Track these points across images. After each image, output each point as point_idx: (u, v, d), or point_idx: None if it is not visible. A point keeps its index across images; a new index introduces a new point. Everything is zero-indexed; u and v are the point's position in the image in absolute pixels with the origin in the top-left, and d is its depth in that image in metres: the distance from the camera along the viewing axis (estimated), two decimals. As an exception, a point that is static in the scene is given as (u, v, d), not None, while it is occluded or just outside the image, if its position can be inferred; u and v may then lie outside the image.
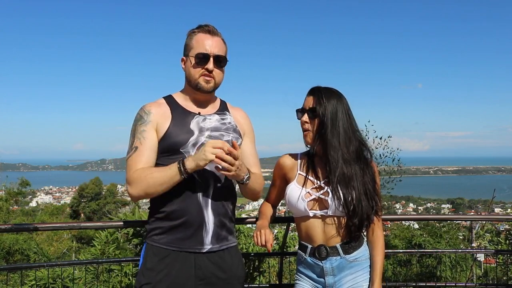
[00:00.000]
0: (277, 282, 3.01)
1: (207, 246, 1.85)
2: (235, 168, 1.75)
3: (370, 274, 1.97)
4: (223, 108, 2.06)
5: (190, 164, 1.74)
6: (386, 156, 11.38)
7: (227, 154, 1.72)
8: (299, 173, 2.02)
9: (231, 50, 2.05)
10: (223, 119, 2.01)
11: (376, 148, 11.26)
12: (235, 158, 1.74)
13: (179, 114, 1.94)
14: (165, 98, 2.02)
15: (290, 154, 2.10)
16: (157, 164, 1.88)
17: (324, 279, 1.94)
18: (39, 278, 5.58)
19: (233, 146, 1.75)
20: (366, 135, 10.93)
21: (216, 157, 1.70)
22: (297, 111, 2.02)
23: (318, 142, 1.95)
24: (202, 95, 1.98)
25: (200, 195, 1.84)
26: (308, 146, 2.06)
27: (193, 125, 1.92)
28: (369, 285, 1.95)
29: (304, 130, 1.98)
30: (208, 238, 1.85)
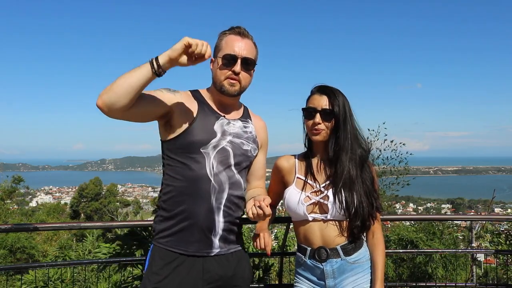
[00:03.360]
0: (277, 282, 3.01)
1: (216, 250, 1.83)
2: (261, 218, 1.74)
3: (371, 276, 1.95)
4: (246, 116, 2.03)
5: (162, 56, 1.61)
6: (393, 158, 11.40)
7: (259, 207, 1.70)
8: (297, 177, 1.99)
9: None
10: (245, 127, 1.97)
11: (384, 150, 11.28)
12: (266, 215, 1.71)
13: (205, 111, 1.88)
14: (191, 91, 1.95)
15: (287, 156, 2.07)
16: (174, 160, 1.84)
17: (325, 282, 1.92)
18: (29, 281, 5.56)
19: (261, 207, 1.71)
20: (377, 136, 10.92)
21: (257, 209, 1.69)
22: (308, 110, 1.95)
23: (330, 144, 1.92)
24: (227, 99, 1.93)
25: (213, 199, 1.80)
26: (306, 147, 2.05)
27: (217, 126, 1.87)
28: (370, 286, 1.94)
29: (315, 130, 1.92)
30: (216, 242, 1.82)
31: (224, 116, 1.92)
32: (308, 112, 1.94)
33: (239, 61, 1.85)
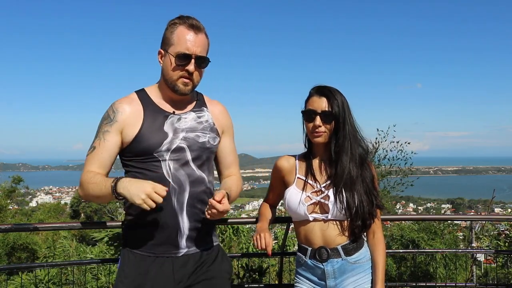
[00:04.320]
0: (277, 282, 3.01)
1: (183, 250, 1.80)
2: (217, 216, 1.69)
3: (372, 276, 1.95)
4: (200, 104, 1.93)
5: (123, 190, 1.61)
6: (398, 158, 11.42)
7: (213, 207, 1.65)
8: (298, 177, 1.99)
9: (233, 51, 1.96)
10: (199, 117, 1.88)
11: (391, 151, 11.29)
12: (220, 211, 1.66)
13: (152, 113, 1.81)
14: (137, 93, 1.88)
15: (288, 156, 2.07)
16: (131, 167, 1.81)
17: (325, 282, 1.92)
18: (19, 283, 5.56)
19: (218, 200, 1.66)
20: (385, 137, 10.95)
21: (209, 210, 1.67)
22: (307, 113, 1.94)
23: (331, 145, 1.92)
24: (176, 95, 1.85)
25: (174, 200, 1.76)
26: (306, 148, 2.04)
27: (167, 126, 1.80)
28: (371, 287, 1.94)
29: (316, 132, 1.92)
30: (183, 242, 1.79)
31: (173, 113, 1.84)
32: (308, 115, 1.93)
33: (193, 60, 1.76)
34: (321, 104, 1.91)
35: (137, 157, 1.79)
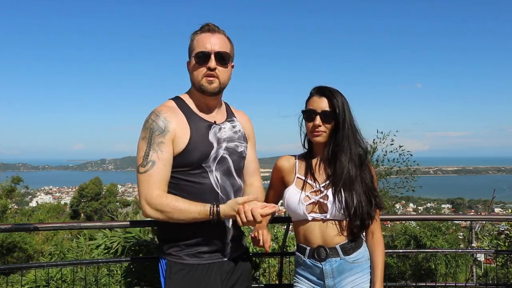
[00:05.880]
0: (277, 282, 3.01)
1: (227, 255, 1.87)
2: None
3: (371, 276, 1.95)
4: (230, 114, 2.00)
5: (224, 212, 1.69)
6: (398, 161, 11.45)
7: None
8: (297, 177, 1.99)
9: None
10: (234, 126, 1.95)
11: (391, 152, 11.30)
12: (256, 220, 1.66)
13: (197, 124, 1.84)
14: (174, 101, 1.89)
15: (288, 156, 2.08)
16: (176, 179, 1.80)
17: (324, 281, 1.93)
18: (31, 280, 5.55)
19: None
20: (384, 138, 10.97)
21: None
22: (308, 112, 1.95)
23: (330, 144, 1.93)
24: (210, 99, 1.88)
25: None
26: (306, 148, 2.05)
27: (212, 136, 1.84)
28: (370, 286, 1.94)
29: (316, 132, 1.92)
30: (228, 249, 1.86)
31: (214, 122, 1.89)
32: (308, 114, 1.94)
33: (212, 56, 1.80)
34: (321, 104, 1.92)
35: (183, 168, 1.79)
